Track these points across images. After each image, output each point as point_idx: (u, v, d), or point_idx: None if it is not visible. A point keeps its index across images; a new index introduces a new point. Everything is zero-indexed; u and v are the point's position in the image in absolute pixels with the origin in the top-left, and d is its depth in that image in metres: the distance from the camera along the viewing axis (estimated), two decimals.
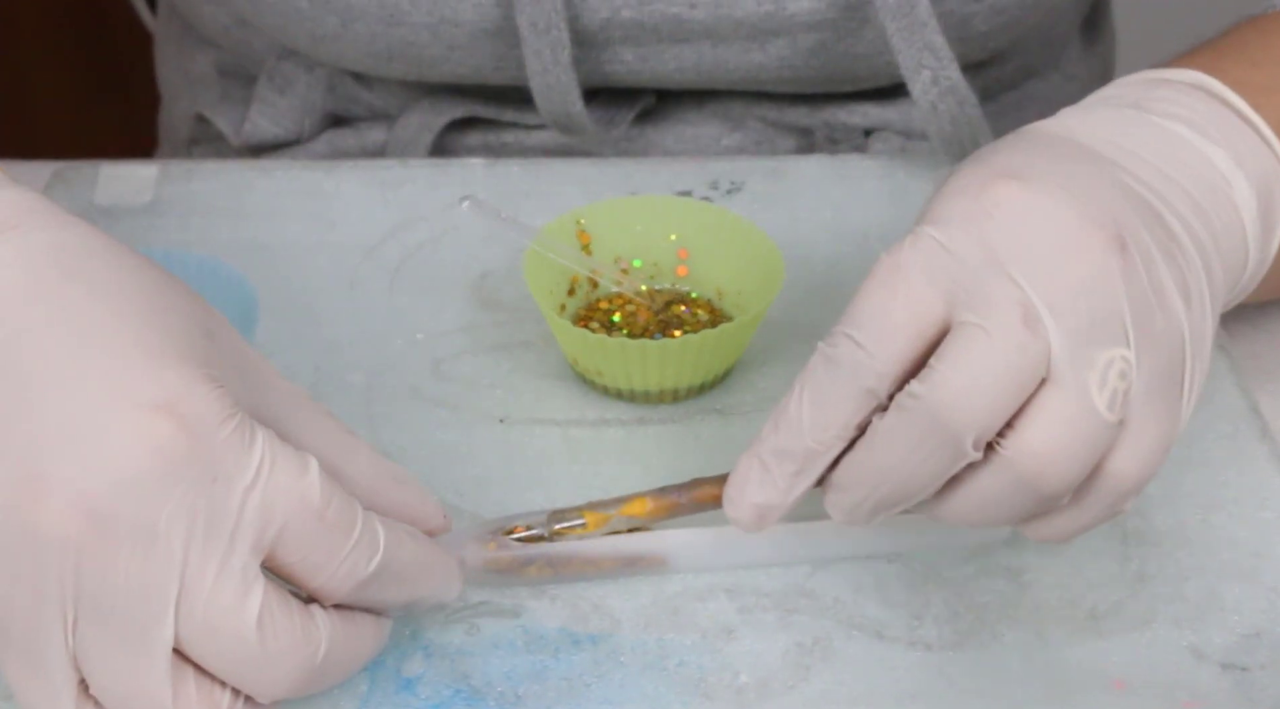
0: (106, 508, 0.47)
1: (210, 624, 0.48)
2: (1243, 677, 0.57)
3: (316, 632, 0.50)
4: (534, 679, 0.57)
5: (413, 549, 0.53)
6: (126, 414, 0.47)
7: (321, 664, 0.50)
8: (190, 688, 0.49)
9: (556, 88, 0.77)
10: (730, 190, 0.77)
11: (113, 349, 0.48)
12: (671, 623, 0.59)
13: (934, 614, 0.59)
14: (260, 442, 0.49)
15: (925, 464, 0.53)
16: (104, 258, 0.50)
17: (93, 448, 0.47)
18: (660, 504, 0.59)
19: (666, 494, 0.59)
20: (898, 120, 0.83)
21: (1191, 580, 0.60)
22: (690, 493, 0.59)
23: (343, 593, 0.51)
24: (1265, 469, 0.64)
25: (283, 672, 0.49)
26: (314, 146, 0.86)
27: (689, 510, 0.59)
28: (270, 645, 0.49)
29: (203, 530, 0.48)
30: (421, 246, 0.74)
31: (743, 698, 0.56)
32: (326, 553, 0.50)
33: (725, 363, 0.67)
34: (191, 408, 0.48)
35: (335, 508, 0.50)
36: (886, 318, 0.53)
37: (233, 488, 0.48)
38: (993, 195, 0.54)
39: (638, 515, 0.59)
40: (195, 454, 0.47)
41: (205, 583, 0.48)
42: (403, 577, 0.53)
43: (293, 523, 0.49)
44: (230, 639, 0.48)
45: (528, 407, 0.67)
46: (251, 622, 0.48)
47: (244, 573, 0.48)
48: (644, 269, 0.70)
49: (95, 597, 0.47)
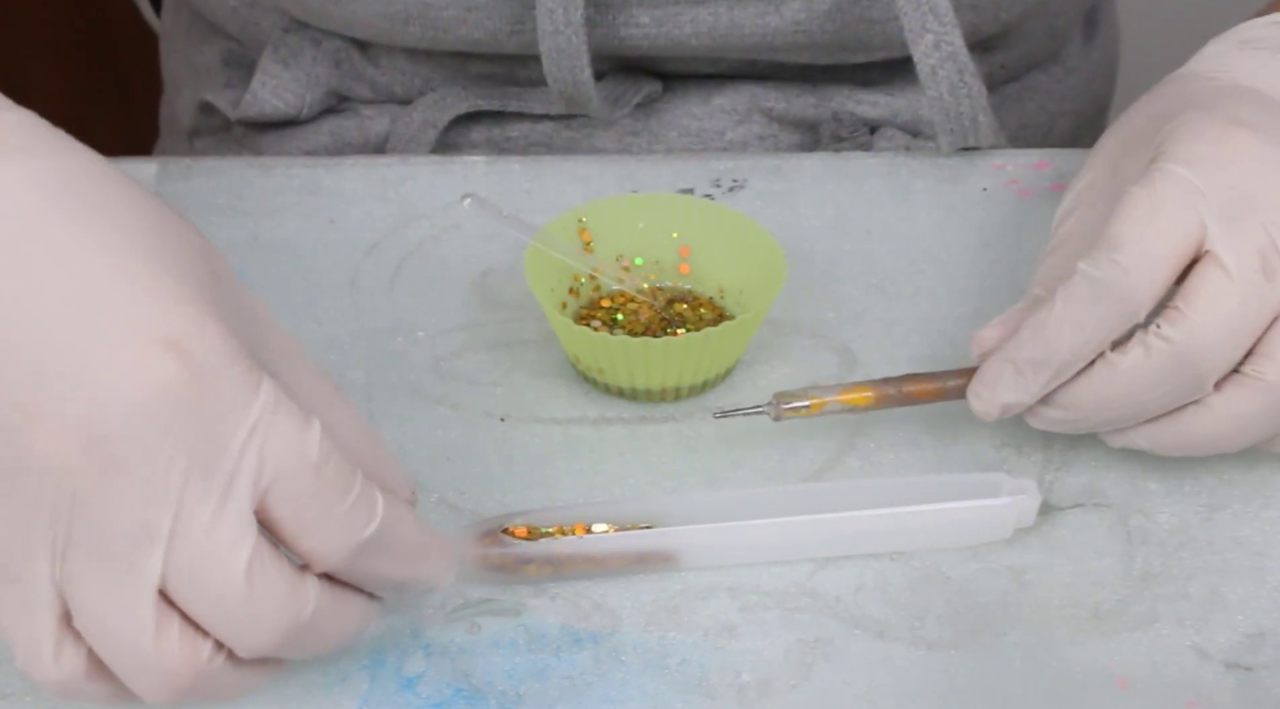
0: (106, 440, 0.46)
1: (199, 566, 0.47)
2: (1247, 676, 0.57)
3: (305, 590, 0.49)
4: (535, 678, 0.57)
5: (411, 525, 0.52)
6: (134, 348, 0.46)
7: (307, 625, 0.49)
8: (174, 632, 0.48)
9: (567, 50, 0.76)
10: (732, 188, 0.77)
11: (123, 281, 0.47)
12: (673, 621, 0.59)
13: (936, 613, 0.59)
14: (265, 388, 0.48)
15: (1165, 397, 0.59)
16: (115, 188, 0.49)
17: (97, 379, 0.46)
18: (880, 394, 0.64)
19: (887, 385, 0.64)
20: (905, 110, 0.83)
21: (1195, 580, 0.60)
22: (904, 386, 0.64)
23: (336, 558, 0.50)
24: (1269, 468, 0.64)
25: (267, 625, 0.48)
26: (316, 136, 0.86)
27: (897, 402, 0.64)
28: (257, 595, 0.48)
29: (201, 470, 0.47)
30: (422, 244, 0.74)
31: (744, 697, 0.56)
32: (321, 511, 0.49)
33: (727, 361, 0.67)
34: (200, 347, 0.47)
35: (334, 466, 0.49)
36: (1150, 245, 0.57)
37: (235, 431, 0.47)
38: (1232, 142, 0.59)
39: (858, 404, 0.64)
40: (200, 393, 0.46)
41: (199, 523, 0.47)
42: (397, 551, 0.51)
43: (289, 475, 0.48)
44: (218, 583, 0.47)
45: (529, 405, 0.67)
46: (241, 567, 0.47)
47: (238, 518, 0.47)
48: (646, 267, 0.70)
49: (87, 527, 0.46)
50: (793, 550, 0.60)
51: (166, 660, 0.48)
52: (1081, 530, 0.62)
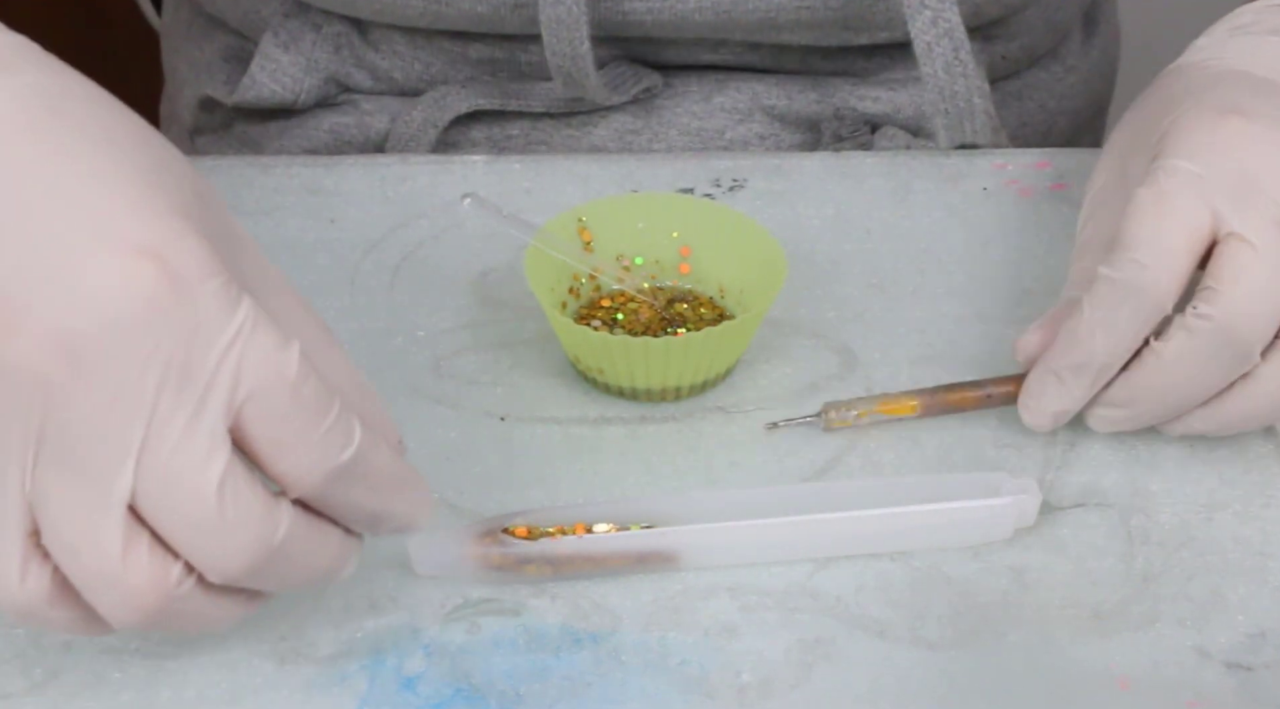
0: (81, 346, 0.45)
1: (170, 480, 0.46)
2: (1247, 676, 0.57)
3: (278, 513, 0.48)
4: (535, 678, 0.57)
5: (387, 455, 0.51)
6: (112, 255, 0.46)
7: (279, 550, 0.48)
8: (143, 549, 0.47)
9: (566, 21, 0.76)
10: (732, 188, 0.77)
11: (103, 190, 0.47)
12: (673, 621, 0.59)
13: (937, 613, 0.59)
14: (245, 304, 0.47)
15: (1214, 376, 0.60)
16: (99, 105, 0.49)
17: (73, 286, 0.45)
18: (925, 404, 0.65)
19: (933, 394, 0.65)
20: (908, 105, 0.83)
21: (1196, 580, 0.60)
22: (949, 395, 0.65)
23: (310, 481, 0.49)
24: (1270, 468, 0.64)
25: (237, 545, 0.47)
26: (317, 133, 0.86)
27: (941, 411, 0.66)
28: (228, 513, 0.47)
29: (175, 381, 0.46)
30: (422, 244, 0.74)
31: (745, 697, 0.56)
32: (297, 432, 0.48)
33: (727, 361, 0.67)
34: (179, 257, 0.46)
35: (311, 387, 0.48)
36: (1164, 240, 0.59)
37: (212, 343, 0.46)
38: (1226, 129, 0.60)
39: (904, 414, 0.65)
40: (177, 303, 0.46)
41: (171, 435, 0.46)
42: (373, 481, 0.50)
43: (265, 392, 0.47)
44: (189, 498, 0.46)
45: (529, 405, 0.67)
46: (213, 483, 0.46)
47: (211, 433, 0.46)
48: (646, 267, 0.70)
49: (59, 435, 0.46)
50: (793, 550, 0.60)
51: (133, 577, 0.47)
52: (1082, 530, 0.62)
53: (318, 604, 0.59)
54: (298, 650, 0.57)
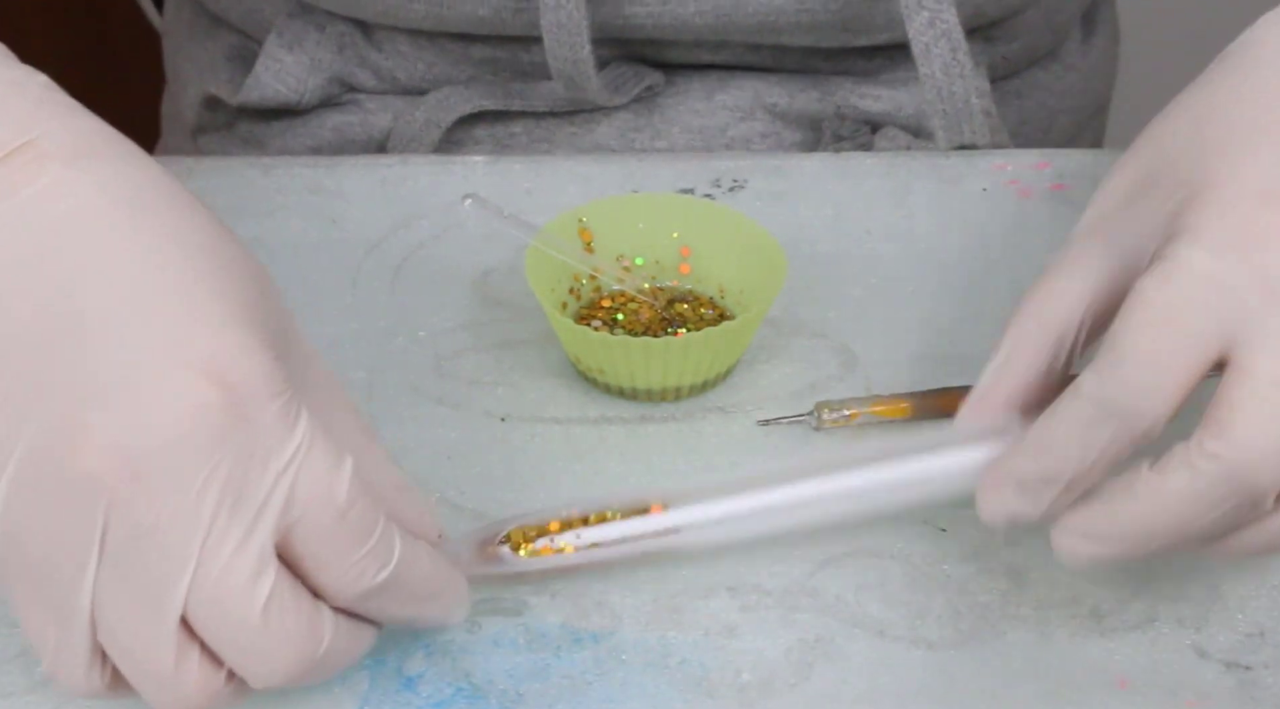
0: (142, 463, 0.46)
1: (220, 599, 0.47)
2: (1246, 676, 0.57)
3: (321, 626, 0.50)
4: (535, 677, 0.57)
5: (426, 569, 0.52)
6: (177, 374, 0.46)
7: (321, 659, 0.50)
8: (194, 660, 0.48)
9: (567, 25, 0.76)
10: (733, 188, 0.77)
11: (174, 300, 0.47)
12: (673, 621, 0.59)
13: (936, 613, 0.59)
14: (303, 424, 0.48)
15: (1219, 521, 0.51)
16: (173, 199, 0.49)
17: (138, 404, 0.46)
18: (917, 406, 0.65)
19: (924, 398, 0.65)
20: (909, 103, 0.83)
21: (1195, 579, 0.60)
22: (940, 399, 0.64)
23: (345, 597, 0.50)
24: None
25: (282, 660, 0.49)
26: (320, 131, 0.86)
27: (933, 414, 0.65)
28: (274, 631, 0.48)
29: (231, 503, 0.47)
30: (423, 244, 0.74)
31: (745, 696, 0.56)
32: (338, 553, 0.49)
33: (728, 361, 0.67)
34: (243, 377, 0.47)
35: (359, 510, 0.49)
36: (1164, 359, 0.50)
37: (269, 467, 0.47)
38: (1263, 223, 0.51)
39: (896, 416, 0.65)
40: (239, 427, 0.47)
41: (223, 554, 0.47)
42: (409, 594, 0.52)
43: (314, 514, 0.48)
44: (236, 616, 0.48)
45: (529, 405, 0.67)
46: (260, 603, 0.48)
47: (261, 553, 0.47)
48: (646, 267, 0.70)
49: (118, 545, 0.47)
50: (798, 522, 0.58)
51: (184, 688, 0.48)
52: None
53: None
54: None
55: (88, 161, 0.49)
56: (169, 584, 0.47)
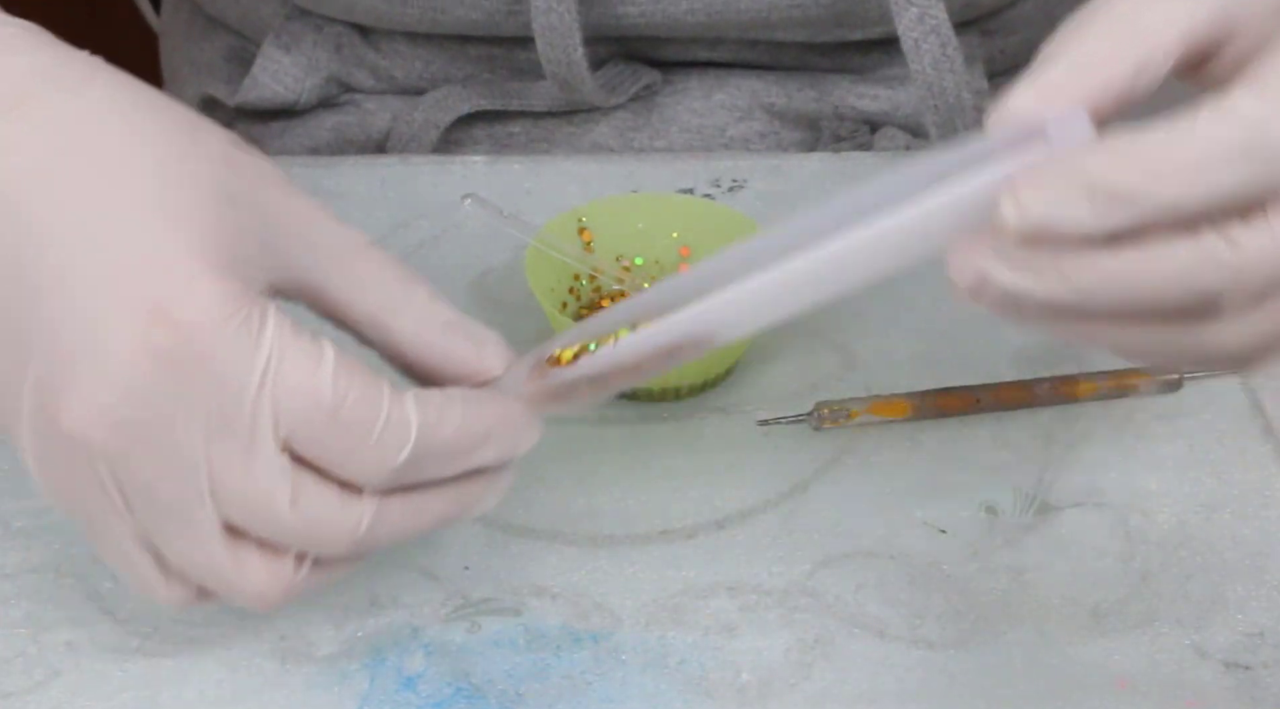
0: (123, 417, 0.46)
1: (248, 512, 0.48)
2: (1246, 676, 0.57)
3: (354, 506, 0.49)
4: (535, 677, 0.57)
5: (457, 424, 0.50)
6: (126, 323, 0.46)
7: (372, 532, 0.49)
8: (253, 556, 0.49)
9: (559, 28, 0.76)
10: (732, 188, 0.77)
11: (119, 245, 0.47)
12: (673, 621, 0.59)
13: (936, 612, 0.59)
14: (269, 334, 0.47)
15: (1211, 216, 0.43)
16: (119, 125, 0.49)
17: (97, 361, 0.46)
18: (915, 407, 0.65)
19: (922, 398, 0.65)
20: (906, 103, 0.83)
21: (1195, 579, 0.60)
22: (938, 399, 0.64)
23: (377, 482, 0.49)
24: (1268, 468, 0.64)
25: (330, 541, 0.49)
26: (319, 131, 0.86)
27: (931, 414, 0.65)
28: (310, 523, 0.48)
29: (219, 431, 0.47)
30: (423, 244, 0.74)
31: (744, 696, 0.56)
32: (346, 449, 0.48)
33: (727, 361, 0.67)
34: (190, 312, 0.46)
35: (352, 403, 0.48)
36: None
37: (243, 390, 0.47)
38: None
39: (894, 417, 0.65)
40: (197, 359, 0.46)
41: (232, 480, 0.47)
42: (449, 453, 0.50)
43: (306, 421, 0.47)
44: (270, 522, 0.48)
45: None
46: (284, 508, 0.48)
47: (268, 468, 0.47)
48: (646, 267, 0.70)
49: (135, 492, 0.48)
50: (835, 280, 0.49)
51: (256, 585, 0.49)
52: (1081, 530, 0.62)
53: (318, 604, 0.59)
54: (298, 650, 0.57)
55: (20, 111, 0.48)
56: (194, 514, 0.48)
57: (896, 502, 0.63)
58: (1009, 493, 0.63)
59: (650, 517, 0.62)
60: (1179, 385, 0.67)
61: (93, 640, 0.58)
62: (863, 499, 0.63)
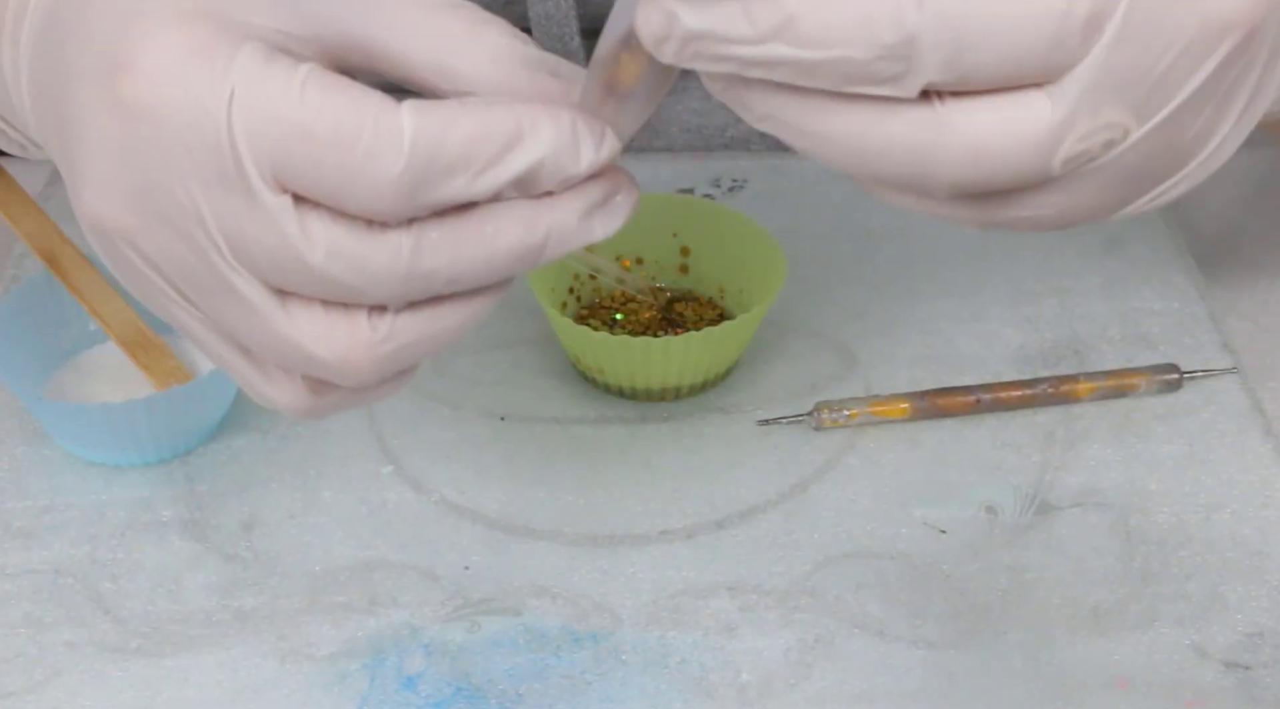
0: (119, 189, 0.44)
1: (271, 260, 0.44)
2: (1246, 675, 0.57)
3: (388, 237, 0.44)
4: (535, 677, 0.57)
5: (471, 126, 0.43)
6: (94, 83, 0.44)
7: (415, 265, 0.44)
8: (317, 316, 0.45)
9: (555, 16, 0.76)
10: (732, 188, 0.77)
11: (96, 12, 0.45)
12: (673, 621, 0.59)
13: (936, 612, 0.59)
14: (237, 67, 0.43)
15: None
16: None
17: (86, 135, 0.45)
18: (915, 407, 0.65)
19: (922, 398, 0.65)
20: None
21: (1194, 579, 0.60)
22: (938, 399, 0.64)
23: (391, 207, 0.43)
24: (1268, 467, 0.64)
25: (373, 283, 0.44)
26: None
27: (931, 414, 0.64)
28: (343, 262, 0.43)
29: (210, 180, 0.43)
30: None
31: (744, 696, 0.56)
32: (338, 171, 0.43)
33: (727, 360, 0.67)
34: (147, 58, 0.44)
35: (328, 116, 0.43)
36: None
37: (216, 129, 0.43)
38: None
39: (894, 417, 0.65)
40: (165, 105, 0.43)
41: (240, 225, 0.44)
42: (467, 160, 0.43)
43: (284, 149, 0.43)
44: (299, 268, 0.44)
45: (529, 404, 0.67)
46: (304, 247, 0.43)
47: (268, 207, 0.43)
48: (646, 267, 0.70)
49: (175, 274, 0.45)
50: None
51: (332, 351, 0.45)
52: (1081, 530, 0.62)
53: (318, 603, 0.59)
54: (298, 650, 0.57)
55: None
56: (232, 279, 0.44)
57: (896, 502, 0.63)
58: (1009, 493, 0.63)
59: (650, 517, 0.62)
60: (1179, 385, 0.67)
61: (93, 640, 0.58)
62: (863, 499, 0.63)
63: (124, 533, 0.62)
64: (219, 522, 0.62)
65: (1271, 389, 0.68)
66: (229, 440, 0.65)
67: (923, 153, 0.41)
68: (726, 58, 0.41)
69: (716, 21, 0.41)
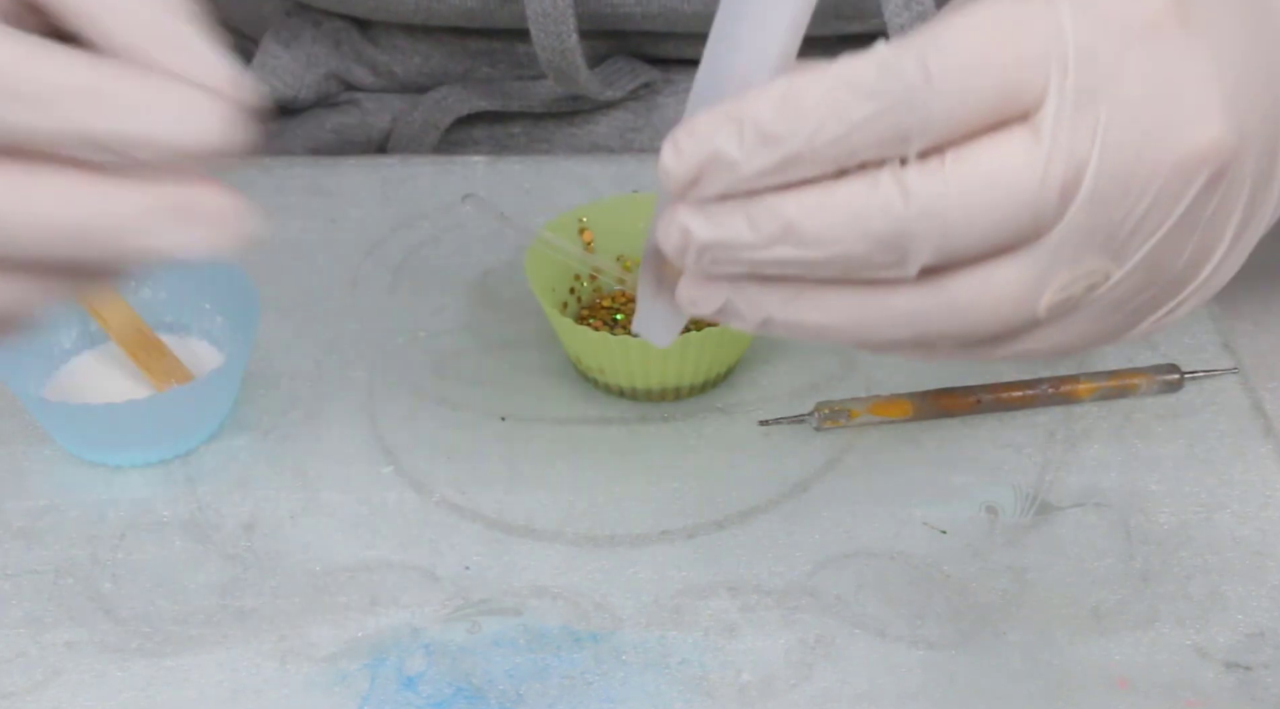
0: None
1: None
2: (1246, 676, 0.57)
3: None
4: (535, 678, 0.57)
5: (50, 67, 0.40)
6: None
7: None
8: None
9: (553, 14, 0.76)
10: None
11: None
12: (673, 621, 0.59)
13: (936, 612, 0.59)
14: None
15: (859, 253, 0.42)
16: None
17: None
18: (916, 407, 0.65)
19: (923, 398, 0.65)
20: None
21: (1195, 579, 0.60)
22: (939, 399, 0.64)
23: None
24: (1269, 468, 0.64)
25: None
26: (319, 132, 0.86)
27: (932, 414, 0.65)
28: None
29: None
30: (423, 244, 0.74)
31: (745, 696, 0.56)
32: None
33: (728, 361, 0.67)
34: None
35: None
36: (981, 62, 0.40)
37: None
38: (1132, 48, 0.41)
39: (895, 417, 0.66)
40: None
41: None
42: (34, 101, 0.40)
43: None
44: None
45: (529, 405, 0.67)
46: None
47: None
48: None
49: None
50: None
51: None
52: (1081, 530, 0.62)
53: (318, 604, 0.59)
54: (298, 650, 0.57)
55: None
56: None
57: (896, 502, 0.63)
58: (1009, 493, 0.63)
59: (651, 517, 0.62)
60: (1179, 385, 0.67)
61: (93, 640, 0.58)
62: (863, 499, 0.63)
63: (124, 533, 0.62)
64: (219, 522, 0.62)
65: (1272, 389, 0.68)
66: (229, 440, 0.66)
67: (925, 321, 0.44)
68: (741, 262, 0.43)
69: (726, 232, 0.43)
